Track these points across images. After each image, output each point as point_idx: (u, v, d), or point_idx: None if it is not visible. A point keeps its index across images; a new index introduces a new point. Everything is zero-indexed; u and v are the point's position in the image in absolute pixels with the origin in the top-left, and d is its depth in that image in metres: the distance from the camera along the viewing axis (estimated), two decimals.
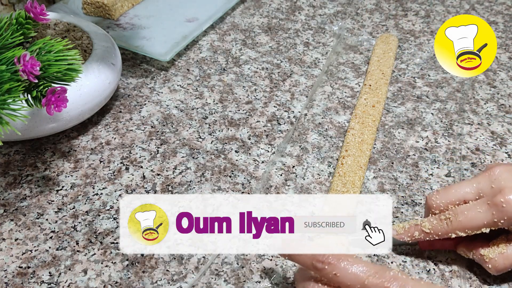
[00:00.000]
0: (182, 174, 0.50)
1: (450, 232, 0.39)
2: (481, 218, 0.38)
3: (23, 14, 0.44)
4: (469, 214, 0.38)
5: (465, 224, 0.38)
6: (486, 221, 0.38)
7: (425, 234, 0.40)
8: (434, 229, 0.40)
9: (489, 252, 0.39)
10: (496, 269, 0.39)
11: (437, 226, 0.40)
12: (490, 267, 0.39)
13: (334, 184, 0.47)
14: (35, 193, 0.48)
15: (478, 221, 0.38)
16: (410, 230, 0.41)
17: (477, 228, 0.38)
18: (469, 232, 0.39)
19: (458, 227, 0.39)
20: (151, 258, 0.42)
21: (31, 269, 0.41)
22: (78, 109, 0.50)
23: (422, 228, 0.40)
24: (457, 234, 0.39)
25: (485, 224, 0.38)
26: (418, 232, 0.41)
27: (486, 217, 0.38)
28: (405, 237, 0.41)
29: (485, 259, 0.39)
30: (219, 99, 0.59)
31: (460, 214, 0.39)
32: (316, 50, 0.68)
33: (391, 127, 0.56)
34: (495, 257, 0.39)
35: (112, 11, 0.68)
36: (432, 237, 0.40)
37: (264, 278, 0.41)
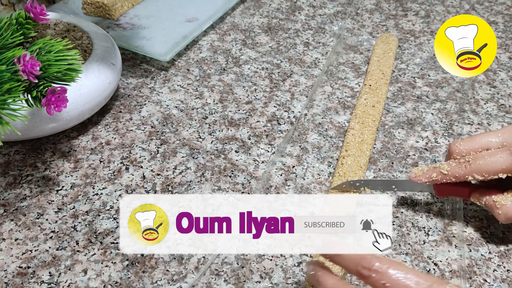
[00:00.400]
0: (182, 174, 0.50)
1: (468, 174, 0.40)
2: (500, 163, 0.39)
3: (23, 14, 0.44)
4: (489, 158, 0.39)
5: (483, 167, 0.39)
6: (506, 165, 0.39)
7: (442, 176, 0.41)
8: (452, 171, 0.41)
9: (502, 199, 0.40)
10: (506, 216, 0.40)
11: (455, 168, 0.41)
12: (500, 213, 0.40)
13: (334, 184, 0.47)
14: (35, 193, 0.48)
15: (497, 165, 0.39)
16: (429, 172, 0.42)
17: (495, 173, 0.39)
18: (485, 176, 0.39)
19: (476, 170, 0.39)
20: (151, 258, 0.42)
21: (31, 269, 0.41)
22: (78, 109, 0.50)
23: (441, 170, 0.41)
24: (474, 177, 0.40)
25: (504, 170, 0.39)
26: (436, 174, 0.41)
27: (506, 162, 0.39)
28: (423, 178, 0.42)
29: (497, 205, 0.40)
30: (219, 99, 0.59)
31: (481, 158, 0.40)
32: (316, 50, 0.68)
33: (391, 127, 0.56)
34: (507, 203, 0.39)
35: (112, 11, 0.68)
36: (449, 178, 0.41)
37: (264, 278, 0.41)
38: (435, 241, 0.44)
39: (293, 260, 0.42)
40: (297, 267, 0.42)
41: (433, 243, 0.44)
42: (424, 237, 0.44)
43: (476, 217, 0.46)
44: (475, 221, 0.46)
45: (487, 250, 0.43)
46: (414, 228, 0.45)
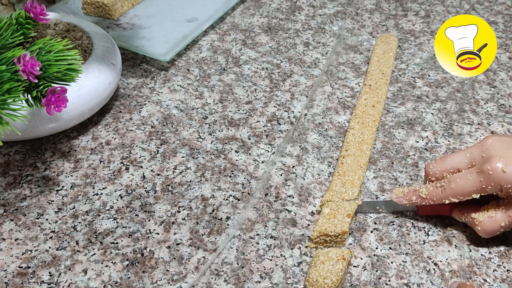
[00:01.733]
0: (182, 174, 0.50)
1: (444, 198, 0.42)
2: (470, 185, 0.40)
3: (23, 14, 0.44)
4: (460, 181, 0.41)
5: (456, 191, 0.41)
6: (475, 187, 0.40)
7: (421, 199, 0.43)
8: (430, 195, 0.43)
9: (479, 216, 0.42)
10: (485, 231, 0.42)
11: (432, 192, 0.43)
12: (479, 229, 0.42)
13: (334, 183, 0.47)
14: (35, 193, 0.48)
15: (468, 188, 0.41)
16: (409, 194, 0.44)
17: (467, 194, 0.41)
18: (460, 198, 0.41)
19: (450, 193, 0.41)
20: (151, 258, 0.42)
21: (31, 269, 0.41)
22: (78, 109, 0.50)
23: (420, 194, 0.43)
24: (450, 200, 0.42)
25: (475, 191, 0.40)
26: (416, 197, 0.44)
27: (475, 184, 0.40)
28: (404, 200, 0.44)
29: (475, 222, 0.42)
30: (219, 99, 0.59)
31: (453, 182, 0.41)
32: (316, 50, 0.68)
33: (391, 127, 0.56)
34: (484, 220, 0.41)
35: (112, 11, 0.68)
36: (427, 202, 0.43)
37: (264, 278, 0.41)
38: (435, 241, 0.44)
39: (293, 260, 0.42)
40: (297, 267, 0.42)
41: (433, 243, 0.44)
42: (424, 237, 0.44)
43: None
44: None
45: (487, 250, 0.43)
46: (414, 228, 0.45)
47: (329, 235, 0.42)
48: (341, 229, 0.42)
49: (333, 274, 0.39)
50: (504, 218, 0.41)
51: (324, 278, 0.38)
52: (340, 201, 0.45)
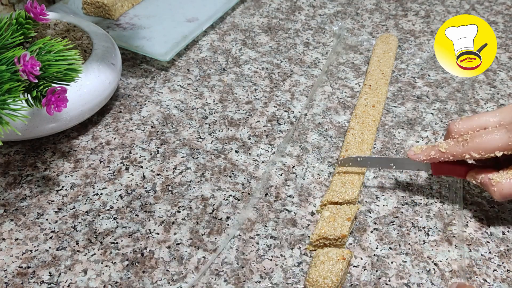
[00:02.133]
0: (182, 174, 0.50)
1: (465, 152, 0.41)
2: (496, 141, 0.39)
3: (23, 14, 0.44)
4: (486, 136, 0.40)
5: (480, 145, 0.40)
6: (502, 143, 0.39)
7: (440, 154, 0.42)
8: (450, 149, 0.42)
9: (497, 177, 0.41)
10: (501, 193, 0.40)
11: (453, 146, 0.41)
12: (495, 191, 0.40)
13: (334, 183, 0.47)
14: (35, 193, 0.48)
15: (494, 143, 0.39)
16: (427, 150, 0.43)
17: (491, 150, 0.40)
18: (482, 154, 0.40)
19: (473, 148, 0.40)
20: (151, 258, 0.42)
21: (31, 269, 0.41)
22: (78, 109, 0.50)
23: (439, 148, 0.42)
24: (471, 155, 0.41)
25: (500, 147, 0.39)
26: (434, 152, 0.42)
27: (502, 139, 0.39)
28: (422, 156, 0.43)
29: (492, 183, 0.41)
30: (219, 99, 0.59)
31: (478, 136, 0.40)
32: (316, 50, 0.68)
33: (391, 127, 0.56)
34: (502, 181, 0.40)
35: (112, 11, 0.68)
36: (447, 157, 0.42)
37: (264, 278, 0.41)
38: (435, 241, 0.44)
39: (293, 260, 0.42)
40: (297, 267, 0.42)
41: (433, 243, 0.44)
42: (424, 237, 0.44)
43: (476, 217, 0.46)
44: (475, 221, 0.46)
45: (487, 250, 0.43)
46: (414, 228, 0.45)
47: (328, 239, 0.42)
48: (341, 233, 0.42)
49: (333, 274, 0.39)
50: None
51: (324, 278, 0.39)
52: (340, 206, 0.45)
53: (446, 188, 0.49)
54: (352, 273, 0.41)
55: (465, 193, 0.48)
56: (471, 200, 0.48)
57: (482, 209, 0.47)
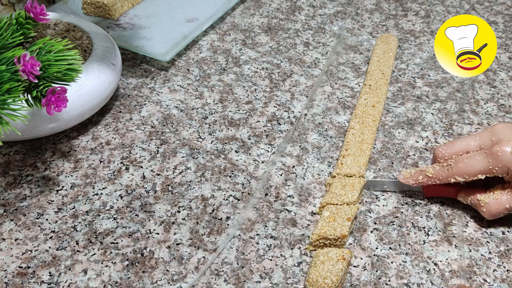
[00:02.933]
0: (182, 174, 0.50)
1: (450, 177, 0.44)
2: (478, 165, 0.42)
3: (23, 14, 0.44)
4: (468, 161, 0.43)
5: (463, 170, 0.43)
6: (483, 168, 0.42)
7: (428, 178, 0.45)
8: (436, 174, 0.44)
9: (485, 198, 0.43)
10: (490, 213, 0.43)
11: (439, 171, 0.44)
12: (484, 211, 0.43)
13: (334, 186, 0.47)
14: (35, 193, 0.48)
15: (476, 168, 0.42)
16: (416, 174, 0.46)
17: (474, 174, 0.43)
18: (466, 177, 0.43)
19: (457, 172, 0.43)
20: (151, 258, 0.42)
21: (31, 269, 0.41)
22: (78, 109, 0.50)
23: (426, 173, 0.45)
24: (456, 179, 0.43)
25: (481, 171, 0.42)
26: (422, 176, 0.45)
27: (483, 164, 0.42)
28: (411, 180, 0.46)
29: (481, 204, 0.43)
30: (219, 99, 0.59)
31: (461, 161, 0.43)
32: (316, 50, 0.68)
33: (391, 127, 0.56)
34: (489, 202, 0.43)
35: (112, 11, 0.68)
36: (434, 181, 0.45)
37: (264, 278, 0.41)
38: (435, 241, 0.44)
39: (293, 260, 0.42)
40: (297, 267, 0.42)
41: (433, 243, 0.44)
42: (424, 237, 0.44)
43: (476, 217, 0.46)
44: (475, 221, 0.46)
45: (487, 250, 0.43)
46: (414, 228, 0.45)
47: (328, 239, 0.42)
48: (341, 233, 0.42)
49: (333, 274, 0.39)
50: (509, 201, 0.42)
51: (324, 278, 0.39)
52: (340, 206, 0.45)
53: None
54: (352, 273, 0.41)
55: None
56: None
57: None
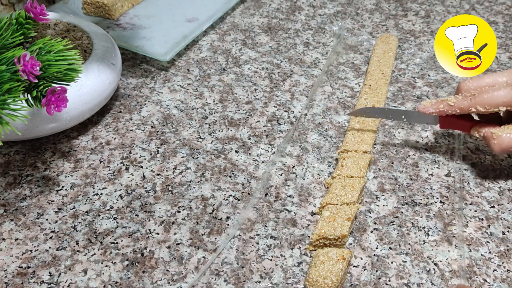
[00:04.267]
0: (182, 174, 0.50)
1: (472, 106, 0.45)
2: (501, 97, 0.43)
3: (23, 14, 0.44)
4: (493, 92, 0.44)
5: (486, 100, 0.44)
6: (506, 99, 0.43)
7: (448, 107, 0.46)
8: (458, 103, 0.45)
9: (498, 131, 0.44)
10: (500, 146, 0.44)
11: (461, 101, 0.45)
12: (495, 143, 0.44)
13: (334, 185, 0.47)
14: (35, 193, 0.48)
15: (499, 99, 0.43)
16: (437, 103, 0.47)
17: (496, 105, 0.44)
18: (487, 108, 0.44)
19: (479, 102, 0.44)
20: (151, 258, 0.42)
21: (31, 269, 0.41)
22: (78, 109, 0.50)
23: (448, 102, 0.46)
24: (477, 109, 0.44)
25: (504, 102, 0.43)
26: (443, 105, 0.46)
27: (507, 96, 0.43)
28: (431, 109, 0.47)
29: (494, 136, 0.44)
30: (219, 99, 0.59)
31: (485, 92, 0.44)
32: (316, 50, 0.68)
33: (391, 127, 0.56)
34: (502, 135, 0.44)
35: (112, 11, 0.68)
36: (454, 110, 0.46)
37: (264, 278, 0.41)
38: (435, 241, 0.44)
39: (293, 260, 0.42)
40: (297, 267, 0.42)
41: (433, 243, 0.44)
42: (424, 237, 0.44)
43: (476, 217, 0.46)
44: (475, 221, 0.46)
45: (487, 250, 0.43)
46: (414, 228, 0.45)
47: (328, 239, 0.42)
48: (341, 233, 0.42)
49: (333, 274, 0.39)
50: None
51: (324, 278, 0.39)
52: (340, 206, 0.45)
53: (446, 188, 0.49)
54: (352, 273, 0.41)
55: (465, 193, 0.48)
56: (471, 200, 0.48)
57: (482, 209, 0.47)
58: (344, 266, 0.39)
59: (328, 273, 0.39)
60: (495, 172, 0.51)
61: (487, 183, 0.50)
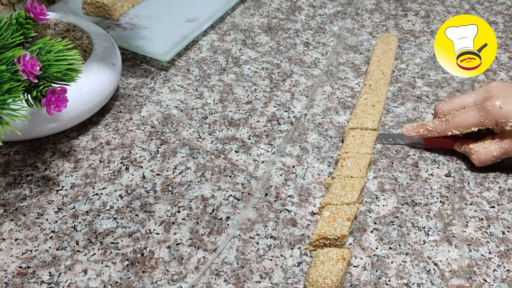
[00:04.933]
0: (182, 174, 0.50)
1: (447, 130, 0.49)
2: (471, 119, 0.47)
3: (23, 14, 0.44)
4: (462, 116, 0.48)
5: (458, 124, 0.48)
6: (475, 121, 0.47)
7: (428, 131, 0.50)
8: (435, 127, 0.50)
9: (475, 146, 0.49)
10: (479, 160, 0.48)
11: (438, 125, 0.50)
12: (474, 158, 0.49)
13: (333, 186, 0.47)
14: (35, 193, 0.48)
15: (469, 121, 0.48)
16: (417, 128, 0.51)
17: (468, 127, 0.48)
18: (461, 130, 0.48)
19: (453, 126, 0.49)
20: (151, 258, 0.42)
21: (31, 269, 0.41)
22: (78, 109, 0.50)
23: (427, 127, 0.50)
24: (453, 132, 0.49)
25: (474, 124, 0.47)
26: (423, 130, 0.51)
27: (475, 118, 0.47)
28: (413, 133, 0.51)
29: (472, 152, 0.49)
30: (219, 99, 0.59)
31: (457, 116, 0.49)
32: (316, 50, 0.68)
33: (391, 127, 0.56)
34: (479, 150, 0.48)
35: (112, 11, 0.68)
36: (433, 134, 0.50)
37: (264, 278, 0.41)
38: (435, 241, 0.44)
39: (293, 260, 0.42)
40: (297, 267, 0.42)
41: (433, 243, 0.44)
42: (424, 237, 0.44)
43: (476, 217, 0.46)
44: (475, 221, 0.46)
45: (487, 250, 0.43)
46: (414, 228, 0.45)
47: (328, 239, 0.42)
48: (341, 233, 0.42)
49: (333, 274, 0.39)
50: (496, 149, 0.47)
51: (324, 278, 0.39)
52: (340, 206, 0.45)
53: (446, 188, 0.49)
54: (352, 273, 0.41)
55: (465, 193, 0.48)
56: (471, 200, 0.48)
57: (482, 209, 0.47)
58: (344, 266, 0.39)
59: (328, 273, 0.39)
60: (495, 172, 0.51)
61: (487, 183, 0.50)
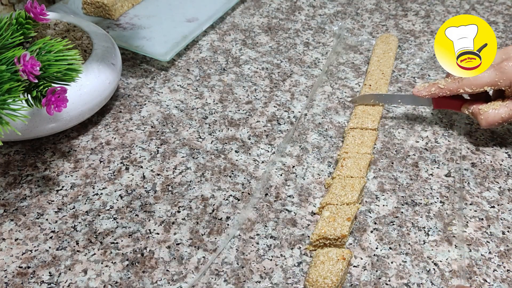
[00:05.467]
0: (182, 174, 0.50)
1: (460, 88, 0.49)
2: (485, 78, 0.48)
3: (23, 14, 0.44)
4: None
5: (472, 82, 0.48)
6: (489, 79, 0.48)
7: (439, 90, 0.51)
8: (447, 85, 0.50)
9: (484, 107, 0.49)
10: (486, 120, 0.49)
11: (450, 83, 0.50)
12: (482, 118, 0.49)
13: (334, 185, 0.47)
14: (35, 193, 0.48)
15: (483, 80, 0.48)
16: (429, 87, 0.51)
17: (481, 86, 0.48)
18: (474, 88, 0.49)
19: (466, 83, 0.49)
20: (151, 258, 0.42)
21: (31, 269, 0.41)
22: (78, 109, 0.50)
23: (438, 85, 0.51)
24: (465, 90, 0.49)
25: (488, 83, 0.48)
26: (434, 88, 0.51)
27: (490, 77, 0.48)
28: (424, 92, 0.51)
29: (481, 112, 0.49)
30: (219, 99, 0.59)
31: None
32: (316, 50, 0.68)
33: (391, 127, 0.56)
34: (488, 111, 0.49)
35: (112, 11, 0.68)
36: (444, 92, 0.50)
37: (264, 278, 0.41)
38: (435, 241, 0.44)
39: (293, 260, 0.42)
40: (297, 267, 0.42)
41: (433, 243, 0.44)
42: (424, 237, 0.44)
43: (476, 217, 0.46)
44: (475, 221, 0.46)
45: (487, 250, 0.43)
46: (414, 228, 0.45)
47: (328, 239, 0.42)
48: (341, 233, 0.42)
49: (333, 274, 0.39)
50: (505, 111, 0.48)
51: (324, 278, 0.39)
52: (340, 206, 0.45)
53: (446, 188, 0.49)
54: (352, 273, 0.41)
55: (465, 193, 0.48)
56: (471, 200, 0.48)
57: (482, 209, 0.47)
58: (344, 266, 0.39)
59: (328, 273, 0.39)
60: (495, 172, 0.51)
61: (487, 183, 0.50)
